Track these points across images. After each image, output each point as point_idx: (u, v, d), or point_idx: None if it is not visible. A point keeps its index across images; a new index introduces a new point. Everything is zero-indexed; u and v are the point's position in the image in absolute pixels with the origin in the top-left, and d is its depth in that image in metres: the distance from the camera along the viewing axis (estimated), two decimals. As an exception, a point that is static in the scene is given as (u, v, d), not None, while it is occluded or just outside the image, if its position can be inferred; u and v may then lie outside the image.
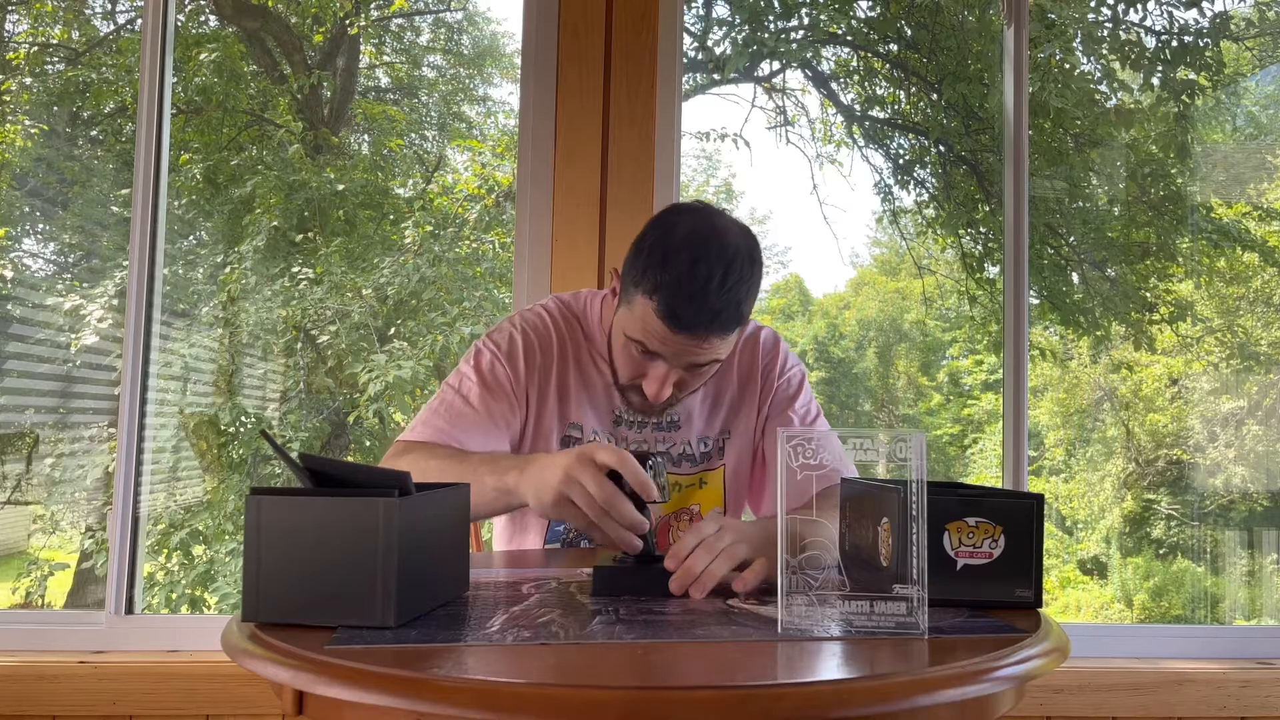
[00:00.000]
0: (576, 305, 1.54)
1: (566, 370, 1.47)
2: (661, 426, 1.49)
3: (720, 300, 1.25)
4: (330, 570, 0.86)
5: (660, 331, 1.28)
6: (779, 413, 1.52)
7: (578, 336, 1.50)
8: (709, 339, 1.28)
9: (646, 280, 1.27)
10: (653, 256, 1.28)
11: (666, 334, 1.27)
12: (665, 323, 1.26)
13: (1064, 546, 4.64)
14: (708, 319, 1.26)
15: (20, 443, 3.42)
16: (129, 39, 4.01)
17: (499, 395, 1.42)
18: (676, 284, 1.25)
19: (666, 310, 1.26)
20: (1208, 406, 4.14)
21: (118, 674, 1.95)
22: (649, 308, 1.27)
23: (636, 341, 1.32)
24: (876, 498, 1.03)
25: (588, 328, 1.51)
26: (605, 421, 1.48)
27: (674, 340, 1.28)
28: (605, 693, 0.70)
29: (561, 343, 1.48)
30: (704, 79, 4.25)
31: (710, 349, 1.30)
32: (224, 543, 3.69)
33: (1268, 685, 2.06)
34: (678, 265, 1.25)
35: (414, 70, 4.96)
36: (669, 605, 0.99)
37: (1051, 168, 3.92)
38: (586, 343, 1.50)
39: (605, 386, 1.48)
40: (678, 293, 1.25)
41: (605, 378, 1.48)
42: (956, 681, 0.75)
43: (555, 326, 1.49)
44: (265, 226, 3.96)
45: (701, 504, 1.51)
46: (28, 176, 3.68)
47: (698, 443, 1.51)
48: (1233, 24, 3.98)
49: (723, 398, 1.52)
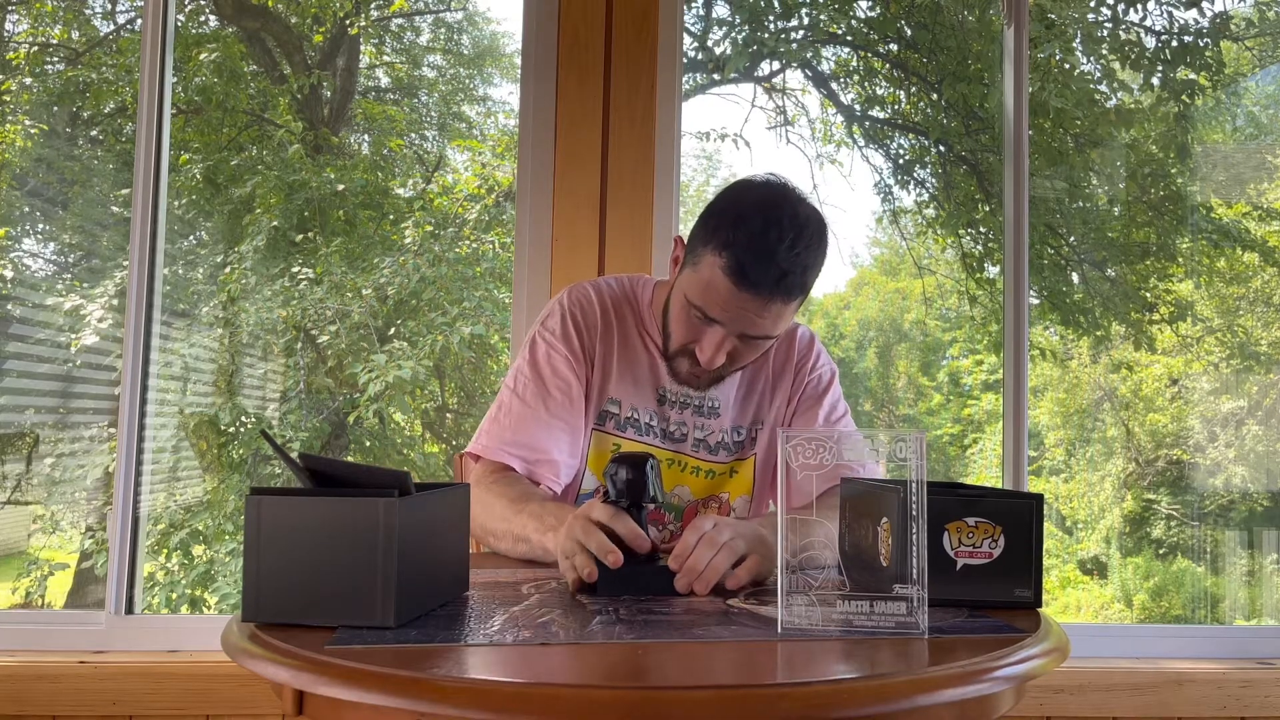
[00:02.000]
0: (628, 285, 1.56)
1: (611, 346, 1.49)
2: (703, 411, 1.50)
3: (789, 262, 1.27)
4: (330, 570, 0.86)
5: (725, 290, 1.29)
6: (807, 409, 1.53)
7: (624, 313, 1.52)
8: (771, 303, 1.29)
9: (716, 238, 1.29)
10: (724, 217, 1.30)
11: (731, 293, 1.28)
12: (732, 279, 1.27)
13: (1064, 546, 4.64)
14: (775, 279, 1.27)
15: (20, 443, 3.42)
16: (129, 39, 4.00)
17: (556, 386, 1.44)
18: (748, 242, 1.27)
19: (735, 266, 1.27)
20: (1208, 406, 4.14)
21: (118, 674, 1.95)
22: (716, 265, 1.28)
23: (697, 307, 1.33)
24: (877, 498, 1.03)
25: (638, 307, 1.53)
26: (649, 399, 1.49)
27: (737, 301, 1.29)
28: (605, 693, 0.70)
29: (606, 318, 1.50)
30: (704, 79, 4.25)
31: (769, 317, 1.31)
32: (224, 543, 3.69)
33: (1268, 685, 2.06)
34: (750, 225, 1.28)
35: (414, 70, 4.96)
36: (669, 605, 0.99)
37: (1051, 168, 3.91)
38: (635, 321, 1.51)
39: (651, 365, 1.49)
40: (748, 249, 1.26)
41: (652, 356, 1.49)
42: (956, 681, 0.75)
43: (601, 302, 1.51)
44: (265, 226, 3.96)
45: (730, 492, 1.52)
46: (28, 176, 3.68)
47: (732, 431, 1.52)
48: (1233, 24, 3.98)
49: (756, 387, 1.54)
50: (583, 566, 1.07)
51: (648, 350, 1.50)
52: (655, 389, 1.50)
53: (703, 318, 1.33)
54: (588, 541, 1.07)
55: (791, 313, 1.35)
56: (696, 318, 1.34)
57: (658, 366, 1.49)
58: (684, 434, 1.49)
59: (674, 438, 1.49)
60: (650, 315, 1.51)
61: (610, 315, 1.50)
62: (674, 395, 1.49)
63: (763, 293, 1.28)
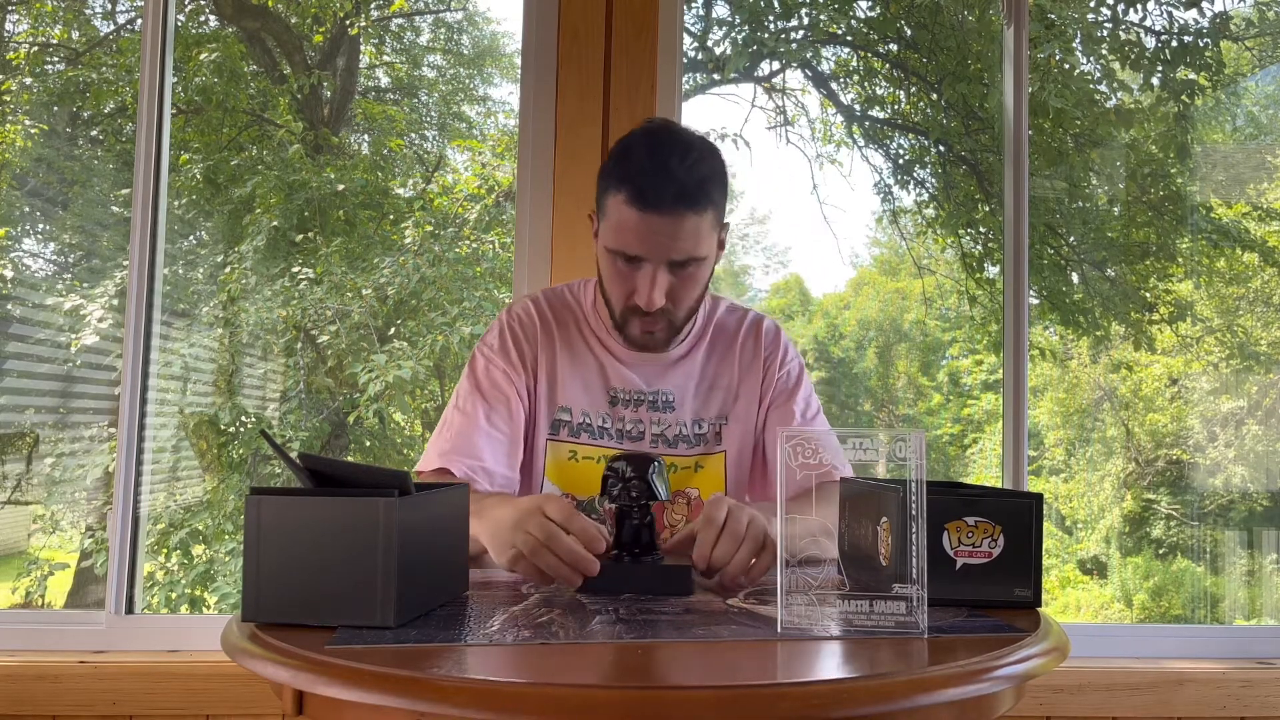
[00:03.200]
0: (571, 290, 1.57)
1: (554, 354, 1.50)
2: (657, 406, 1.49)
3: (683, 174, 1.31)
4: (330, 570, 0.86)
5: (634, 220, 1.32)
6: (780, 405, 1.52)
7: (566, 320, 1.53)
8: (681, 219, 1.32)
9: (612, 178, 1.35)
10: (614, 159, 1.37)
11: (639, 219, 1.32)
12: (635, 206, 1.31)
13: (1064, 546, 4.64)
14: (674, 193, 1.31)
15: (20, 443, 3.42)
16: (129, 39, 4.01)
17: (495, 399, 1.45)
18: (639, 167, 1.32)
19: (634, 193, 1.31)
20: (1207, 406, 4.14)
21: (118, 674, 1.95)
22: (619, 201, 1.33)
23: (617, 252, 1.36)
24: (876, 498, 1.03)
25: (581, 311, 1.54)
26: (600, 403, 1.49)
27: (647, 226, 1.32)
28: (605, 693, 0.70)
29: (547, 328, 1.51)
30: (704, 79, 4.25)
31: (685, 235, 1.33)
32: (224, 542, 3.69)
33: (1268, 685, 2.06)
34: (638, 154, 1.34)
35: (414, 70, 4.96)
36: (669, 605, 0.99)
37: (1051, 168, 3.91)
38: (578, 326, 1.52)
39: (599, 368, 1.49)
40: (641, 173, 1.32)
41: (599, 358, 1.50)
42: (956, 681, 0.76)
43: (541, 313, 1.53)
44: (265, 226, 3.96)
45: (700, 488, 1.51)
46: (28, 176, 3.68)
47: (693, 424, 1.50)
48: (1233, 24, 3.98)
49: (720, 381, 1.53)
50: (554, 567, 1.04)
51: (594, 353, 1.50)
52: (606, 391, 1.49)
53: (626, 260, 1.35)
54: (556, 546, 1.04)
55: (709, 230, 1.36)
56: (622, 264, 1.36)
57: (606, 368, 1.49)
58: (640, 431, 1.48)
59: (631, 436, 1.48)
60: (595, 315, 1.52)
61: (551, 325, 1.52)
62: (626, 394, 1.49)
63: (666, 208, 1.31)
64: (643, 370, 1.50)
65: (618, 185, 1.33)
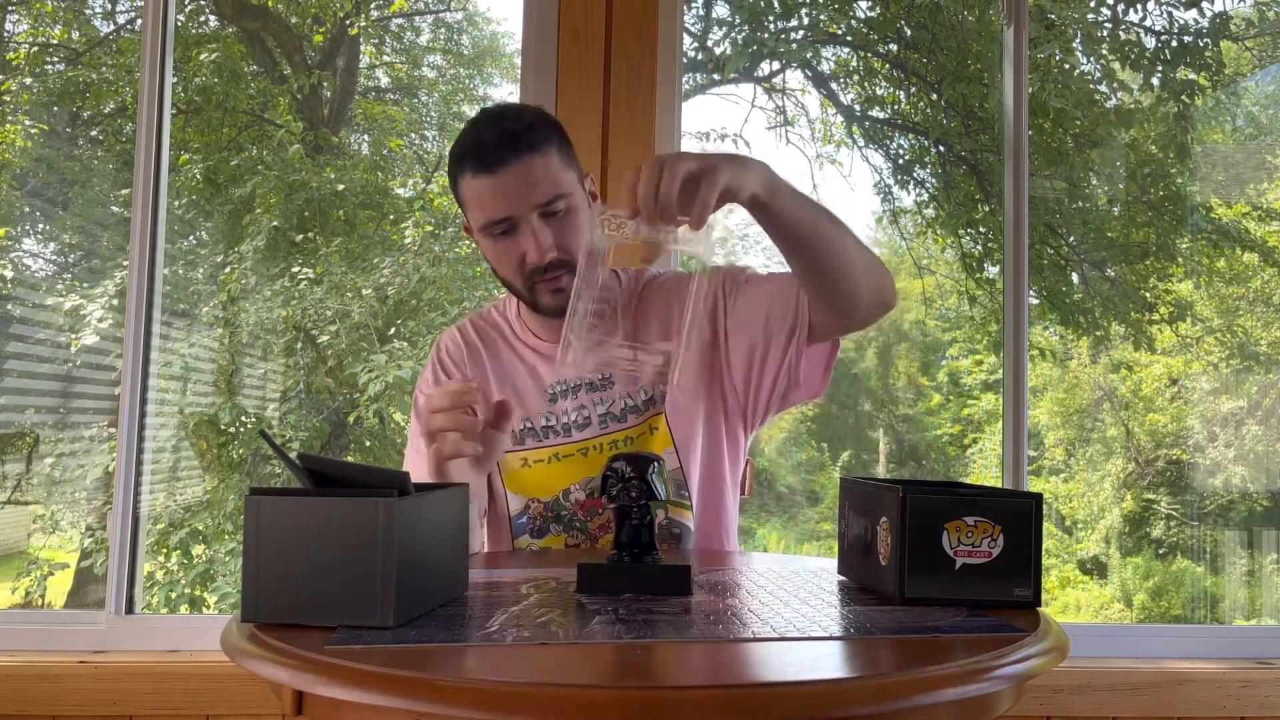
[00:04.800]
0: (494, 310, 1.60)
1: (484, 370, 1.52)
2: (595, 387, 1.49)
3: (509, 123, 1.34)
4: (330, 570, 0.86)
5: (484, 186, 1.34)
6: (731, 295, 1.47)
7: (491, 336, 1.56)
8: (524, 164, 1.33)
9: (455, 167, 1.38)
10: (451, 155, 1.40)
11: (488, 182, 1.34)
12: (481, 173, 1.34)
13: (1064, 546, 4.64)
14: (507, 142, 1.33)
15: (20, 443, 3.42)
16: (129, 39, 4.01)
17: None
18: (472, 143, 1.35)
19: (475, 163, 1.34)
20: (1207, 406, 4.15)
21: (118, 674, 1.95)
22: (467, 179, 1.36)
23: (488, 225, 1.37)
24: (876, 497, 1.03)
25: (507, 323, 1.56)
26: (539, 403, 1.49)
27: (498, 185, 1.34)
28: (605, 693, 0.70)
29: (472, 348, 1.54)
30: (704, 79, 4.26)
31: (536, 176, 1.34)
32: (224, 542, 3.69)
33: (1268, 685, 2.06)
34: (469, 133, 1.37)
35: (414, 70, 4.96)
36: (669, 605, 0.99)
37: (1051, 168, 3.92)
38: (505, 339, 1.55)
39: (531, 370, 1.51)
40: (475, 145, 1.34)
41: (529, 362, 1.51)
42: (956, 681, 0.75)
43: (465, 336, 1.56)
44: (265, 226, 3.96)
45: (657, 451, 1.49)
46: (28, 176, 3.69)
47: (638, 392, 1.48)
48: (1233, 24, 3.98)
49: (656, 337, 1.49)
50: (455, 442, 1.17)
51: (524, 360, 1.52)
52: (543, 390, 1.50)
53: (501, 231, 1.37)
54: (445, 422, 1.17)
55: (560, 168, 1.37)
56: (500, 238, 1.37)
57: (539, 369, 1.50)
58: (587, 417, 1.48)
59: (578, 425, 1.48)
60: (520, 322, 1.54)
61: (477, 346, 1.54)
62: (563, 386, 1.49)
63: (509, 160, 1.33)
64: None
65: (461, 168, 1.36)
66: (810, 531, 6.11)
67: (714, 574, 1.19)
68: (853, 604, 0.99)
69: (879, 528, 1.01)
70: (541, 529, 1.50)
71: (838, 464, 6.26)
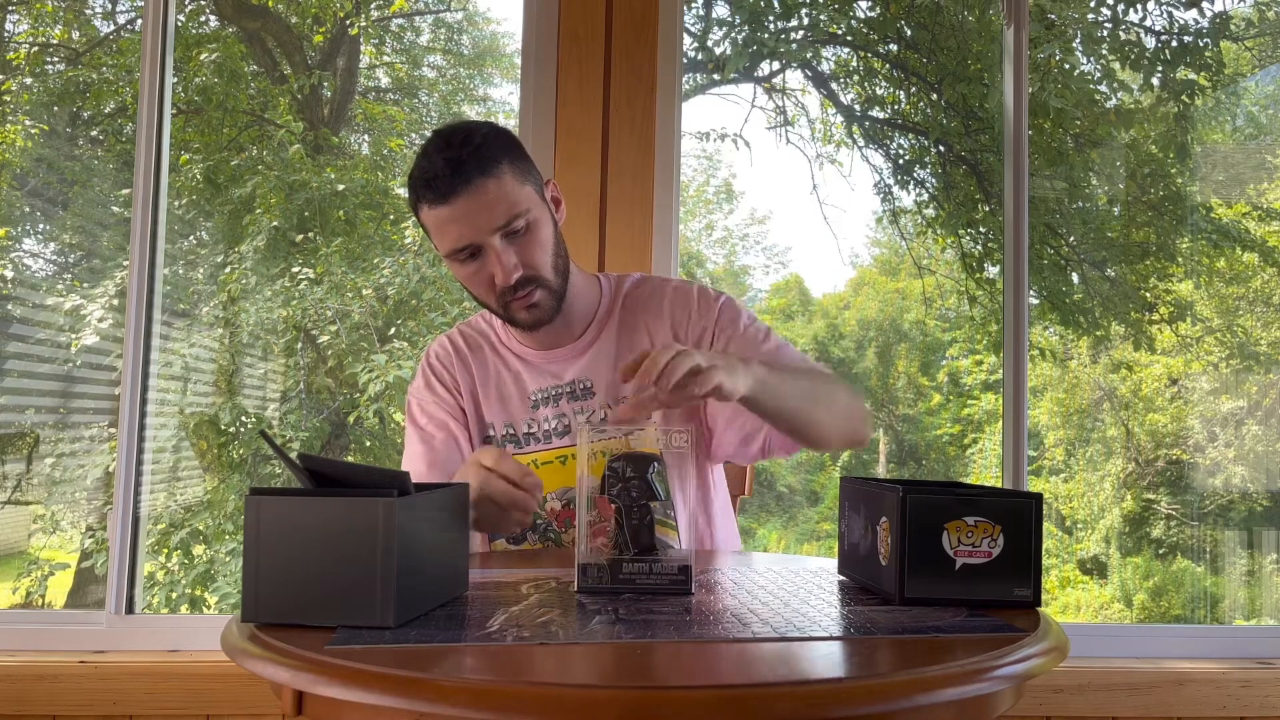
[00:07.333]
0: (481, 318, 1.62)
1: (471, 376, 1.55)
2: (575, 395, 1.51)
3: (458, 148, 1.34)
4: (329, 570, 0.86)
5: (445, 214, 1.35)
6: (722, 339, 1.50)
7: (479, 343, 1.58)
8: (480, 188, 1.34)
9: (414, 199, 1.39)
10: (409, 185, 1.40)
11: (448, 211, 1.35)
12: (439, 203, 1.35)
13: (1064, 546, 4.64)
14: (460, 171, 1.33)
15: (20, 443, 3.42)
16: (129, 39, 4.01)
17: (434, 428, 1.52)
18: (426, 173, 1.35)
19: (431, 194, 1.35)
20: (1207, 406, 4.15)
21: (118, 674, 1.95)
22: (427, 210, 1.37)
23: (455, 253, 1.38)
24: (876, 498, 1.03)
25: (494, 331, 1.59)
26: (522, 410, 1.52)
27: (456, 212, 1.34)
28: (605, 693, 0.70)
29: (461, 354, 1.57)
30: (704, 79, 4.26)
31: (492, 198, 1.35)
32: (224, 543, 3.69)
33: (1268, 685, 2.06)
34: (421, 163, 1.36)
35: (414, 70, 4.96)
36: (668, 605, 1.00)
37: (1051, 168, 3.92)
38: (492, 346, 1.57)
39: (515, 377, 1.53)
40: (429, 175, 1.35)
41: (514, 369, 1.54)
42: (956, 681, 0.75)
43: (455, 342, 1.59)
44: (265, 226, 3.96)
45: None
46: (28, 176, 3.68)
47: (617, 403, 1.50)
48: (1233, 24, 3.98)
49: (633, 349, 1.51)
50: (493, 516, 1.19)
51: (509, 366, 1.54)
52: (525, 398, 1.52)
53: (468, 256, 1.38)
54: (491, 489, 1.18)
55: (515, 186, 1.37)
56: (468, 263, 1.39)
57: (523, 376, 1.53)
58: (566, 425, 1.49)
59: (558, 432, 1.50)
60: (505, 331, 1.56)
61: (465, 350, 1.57)
62: (544, 393, 1.51)
63: (461, 186, 1.33)
64: (557, 365, 1.52)
65: (419, 199, 1.37)
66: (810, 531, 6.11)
67: (714, 574, 1.19)
68: (853, 604, 0.99)
69: (879, 528, 1.01)
70: (519, 536, 1.51)
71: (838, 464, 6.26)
